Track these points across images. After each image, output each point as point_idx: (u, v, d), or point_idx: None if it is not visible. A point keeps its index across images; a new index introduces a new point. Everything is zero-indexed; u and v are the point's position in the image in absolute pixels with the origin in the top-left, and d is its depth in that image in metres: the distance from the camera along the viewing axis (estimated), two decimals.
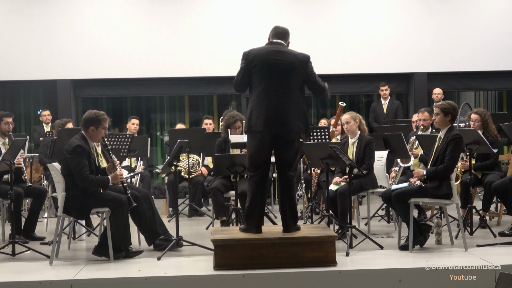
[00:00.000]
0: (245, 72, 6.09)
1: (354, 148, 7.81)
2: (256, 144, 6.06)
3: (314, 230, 6.32)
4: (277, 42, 6.17)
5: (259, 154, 6.07)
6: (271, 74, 6.01)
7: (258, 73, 6.03)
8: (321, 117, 12.87)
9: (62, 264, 6.42)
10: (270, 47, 6.14)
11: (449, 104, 6.80)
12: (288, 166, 6.12)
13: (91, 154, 6.59)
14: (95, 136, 6.68)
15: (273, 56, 6.05)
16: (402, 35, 13.08)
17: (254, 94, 6.08)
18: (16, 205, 7.33)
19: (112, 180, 6.62)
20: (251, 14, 12.81)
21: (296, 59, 6.09)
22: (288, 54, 6.10)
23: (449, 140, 6.59)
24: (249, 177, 6.18)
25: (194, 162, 9.89)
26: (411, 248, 6.55)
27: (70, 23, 12.78)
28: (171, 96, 14.08)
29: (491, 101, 15.07)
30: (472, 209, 7.58)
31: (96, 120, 6.67)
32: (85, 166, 6.44)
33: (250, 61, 6.05)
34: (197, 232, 8.11)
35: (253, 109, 6.03)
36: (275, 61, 6.03)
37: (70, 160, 6.43)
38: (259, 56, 6.05)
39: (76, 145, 6.46)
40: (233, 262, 5.87)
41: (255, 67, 6.03)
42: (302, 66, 6.10)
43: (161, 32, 12.93)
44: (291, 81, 6.04)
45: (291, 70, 6.04)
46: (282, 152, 6.10)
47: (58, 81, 12.86)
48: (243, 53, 6.13)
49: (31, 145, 11.80)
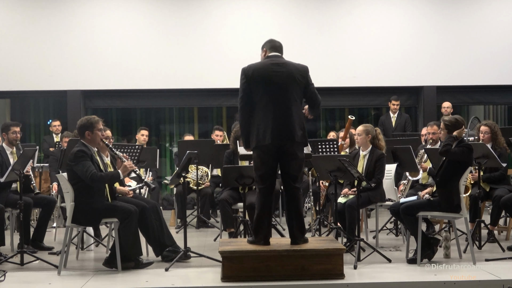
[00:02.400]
0: (247, 88, 6.08)
1: (364, 161, 7.79)
2: (262, 157, 6.06)
3: (322, 242, 6.30)
4: (274, 55, 6.17)
5: (266, 166, 6.07)
6: (273, 87, 6.01)
7: (260, 88, 6.03)
8: (329, 130, 12.87)
9: (70, 274, 6.44)
10: (268, 60, 6.15)
11: (455, 119, 6.78)
12: (294, 179, 6.11)
13: (93, 157, 6.61)
14: (93, 140, 6.70)
15: (274, 68, 6.05)
16: (411, 49, 13.08)
17: (257, 108, 6.06)
18: (25, 214, 7.34)
19: (122, 172, 6.62)
20: (260, 27, 12.83)
21: (296, 69, 6.09)
22: (288, 65, 6.10)
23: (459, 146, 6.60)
24: (258, 190, 6.17)
25: (203, 174, 9.91)
26: (419, 261, 6.53)
27: (81, 34, 12.84)
28: (181, 107, 14.11)
29: (500, 115, 15.04)
30: (480, 223, 7.56)
31: (89, 124, 6.69)
32: (90, 166, 6.45)
33: (251, 77, 6.05)
34: (205, 244, 8.11)
35: (259, 123, 6.02)
36: (275, 74, 6.03)
37: (75, 166, 6.46)
38: (258, 70, 6.06)
39: (77, 151, 6.49)
40: (241, 274, 5.86)
41: (256, 82, 6.03)
42: (303, 76, 6.10)
43: (171, 44, 12.98)
44: (293, 92, 6.04)
45: (292, 81, 6.04)
46: (287, 164, 6.09)
47: (68, 92, 12.89)
48: (242, 69, 6.12)
49: (40, 155, 11.84)
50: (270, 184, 6.12)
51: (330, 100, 13.23)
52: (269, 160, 6.05)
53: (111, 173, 6.64)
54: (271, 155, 6.03)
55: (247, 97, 6.08)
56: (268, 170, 6.08)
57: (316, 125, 14.54)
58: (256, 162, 6.13)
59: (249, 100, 6.08)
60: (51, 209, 8.02)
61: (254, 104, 6.08)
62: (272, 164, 6.08)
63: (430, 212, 6.68)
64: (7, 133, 7.99)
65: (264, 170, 6.08)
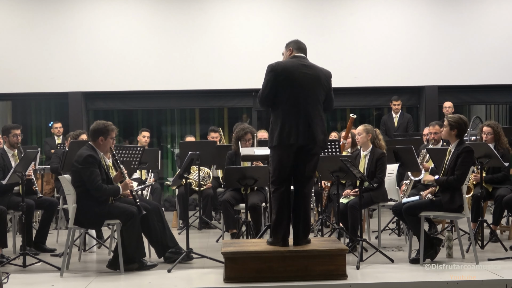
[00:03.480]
0: (273, 85, 6.02)
1: (365, 161, 7.80)
2: (282, 156, 6.02)
3: (325, 243, 6.30)
4: (301, 56, 6.19)
5: (286, 167, 6.04)
6: (301, 87, 6.00)
7: (286, 86, 5.99)
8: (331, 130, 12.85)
9: (73, 276, 6.44)
10: (296, 60, 6.13)
11: (460, 118, 6.77)
12: (308, 179, 6.12)
13: (101, 164, 6.62)
14: (104, 146, 6.72)
15: (301, 69, 6.05)
16: (412, 49, 13.08)
17: (282, 107, 6.01)
18: (27, 217, 7.35)
19: (122, 189, 6.66)
20: (262, 28, 12.84)
21: (322, 73, 6.13)
22: (314, 68, 6.12)
23: (460, 152, 6.57)
24: (274, 190, 6.11)
25: (205, 175, 9.91)
26: (421, 261, 6.52)
27: (82, 37, 12.85)
28: (182, 109, 14.11)
29: (502, 114, 15.02)
30: (483, 222, 7.55)
31: (105, 130, 6.71)
32: (98, 175, 6.48)
33: (279, 74, 6.00)
34: (207, 245, 8.11)
35: (284, 122, 5.97)
36: (304, 74, 6.03)
37: (82, 170, 6.46)
38: (287, 69, 6.04)
39: (87, 155, 6.50)
40: (244, 275, 5.86)
41: (284, 80, 5.99)
42: (327, 81, 6.14)
43: (172, 45, 12.99)
44: (318, 94, 6.06)
45: (318, 84, 6.06)
46: (304, 165, 6.07)
47: (70, 94, 12.91)
48: (270, 66, 6.06)
49: (42, 157, 11.84)
50: (288, 185, 6.08)
51: None
52: (289, 161, 6.02)
53: (113, 188, 6.65)
54: (291, 155, 6.01)
55: (272, 93, 6.02)
56: (288, 171, 6.05)
57: None
58: (275, 162, 6.08)
59: (273, 96, 6.03)
60: (53, 211, 8.02)
61: (279, 101, 6.03)
62: (291, 164, 6.04)
63: (433, 212, 6.68)
64: (8, 136, 7.99)
65: (282, 171, 6.04)
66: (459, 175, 6.53)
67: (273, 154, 6.11)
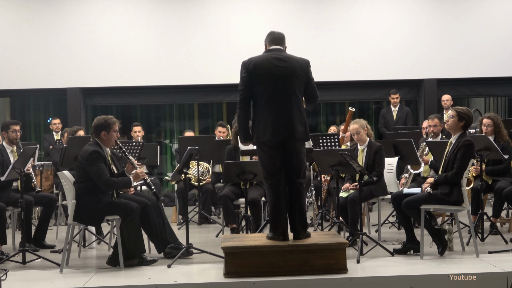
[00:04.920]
0: (247, 82, 6.02)
1: (363, 155, 7.79)
2: (267, 152, 6.02)
3: (325, 237, 6.29)
4: (276, 49, 6.10)
5: (273, 161, 6.02)
6: (274, 82, 5.95)
7: (261, 82, 5.96)
8: (330, 124, 12.85)
9: (73, 272, 6.43)
10: (270, 54, 6.07)
11: (468, 110, 6.74)
12: (297, 174, 6.07)
13: (106, 159, 6.61)
14: (107, 140, 6.70)
15: (275, 63, 5.98)
16: (411, 42, 13.06)
17: (258, 103, 6.01)
18: (27, 213, 7.34)
19: (134, 179, 6.65)
20: (260, 22, 12.81)
21: (298, 63, 6.03)
22: (289, 59, 6.04)
23: (460, 145, 6.55)
24: (267, 186, 6.11)
25: (204, 170, 9.90)
26: (422, 254, 6.52)
27: (80, 32, 12.83)
28: (181, 104, 14.09)
29: (501, 107, 15.02)
30: (483, 215, 7.55)
31: (107, 125, 6.68)
32: (105, 170, 6.48)
33: (251, 70, 5.98)
34: (207, 240, 8.10)
35: (260, 118, 5.98)
36: (277, 68, 5.97)
37: (88, 166, 6.45)
38: (260, 64, 5.99)
39: (92, 151, 6.48)
40: (244, 270, 5.85)
41: (257, 76, 5.97)
42: (304, 71, 6.04)
43: (170, 40, 12.97)
44: (295, 86, 5.98)
45: (294, 76, 5.98)
46: (289, 159, 6.04)
47: (68, 90, 12.89)
48: (243, 63, 6.06)
49: (41, 153, 11.83)
50: (279, 178, 6.04)
51: (331, 94, 13.24)
52: (275, 154, 6.00)
53: (124, 180, 6.63)
54: (273, 150, 5.99)
55: (247, 91, 6.02)
56: (276, 165, 6.02)
57: (316, 120, 14.51)
58: (263, 157, 6.08)
59: (249, 94, 6.03)
60: (52, 207, 8.00)
61: (255, 98, 6.03)
62: (278, 158, 6.01)
63: (433, 205, 6.66)
64: (7, 132, 7.97)
65: (271, 165, 6.03)
66: (457, 170, 6.51)
67: (258, 151, 6.12)
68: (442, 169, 6.74)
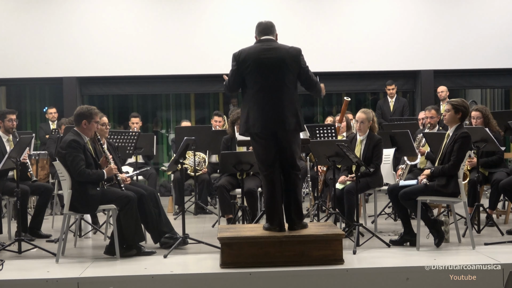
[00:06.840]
0: (237, 74, 6.01)
1: (362, 146, 7.76)
2: (261, 143, 6.01)
3: (321, 228, 6.29)
4: (265, 39, 6.05)
5: (267, 152, 6.01)
6: (265, 73, 5.92)
7: (251, 74, 5.94)
8: (327, 115, 12.84)
9: (69, 262, 6.42)
10: (259, 45, 6.03)
11: (462, 101, 6.75)
12: (291, 164, 6.06)
13: (86, 147, 6.58)
14: (88, 130, 6.66)
15: (264, 54, 5.94)
16: (408, 33, 13.03)
17: (248, 95, 5.99)
18: (22, 202, 7.31)
19: (107, 173, 6.62)
20: (257, 12, 12.76)
21: (287, 53, 5.97)
22: (279, 49, 5.98)
23: (457, 137, 6.55)
24: (262, 177, 6.11)
25: (200, 160, 9.88)
26: (418, 246, 6.53)
27: (76, 21, 12.78)
28: (177, 93, 14.07)
29: (497, 98, 15.03)
30: (479, 207, 7.55)
31: (89, 114, 6.66)
32: (81, 160, 6.43)
33: (241, 62, 5.96)
34: (203, 230, 8.10)
35: (249, 110, 5.95)
36: (267, 59, 5.92)
37: (66, 155, 6.44)
38: (250, 56, 5.96)
39: (71, 140, 6.47)
40: (240, 260, 5.85)
41: (247, 68, 5.94)
42: (295, 60, 5.97)
43: (167, 30, 12.92)
44: (285, 77, 5.93)
45: (284, 66, 5.92)
46: (283, 151, 6.02)
47: (64, 79, 12.84)
48: (233, 54, 6.05)
49: (37, 142, 11.81)
50: (274, 169, 6.03)
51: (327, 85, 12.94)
52: (269, 145, 5.99)
53: (97, 173, 6.57)
54: (270, 140, 5.98)
55: (237, 81, 6.03)
56: (270, 155, 6.01)
57: (313, 111, 14.52)
58: (257, 149, 6.08)
59: (239, 85, 6.04)
60: (48, 197, 7.99)
61: (245, 89, 6.02)
62: (272, 149, 6.00)
63: (429, 197, 6.66)
64: (3, 121, 7.94)
65: (266, 156, 6.02)
66: (454, 162, 6.51)
67: (252, 142, 6.13)
68: (439, 161, 6.74)
